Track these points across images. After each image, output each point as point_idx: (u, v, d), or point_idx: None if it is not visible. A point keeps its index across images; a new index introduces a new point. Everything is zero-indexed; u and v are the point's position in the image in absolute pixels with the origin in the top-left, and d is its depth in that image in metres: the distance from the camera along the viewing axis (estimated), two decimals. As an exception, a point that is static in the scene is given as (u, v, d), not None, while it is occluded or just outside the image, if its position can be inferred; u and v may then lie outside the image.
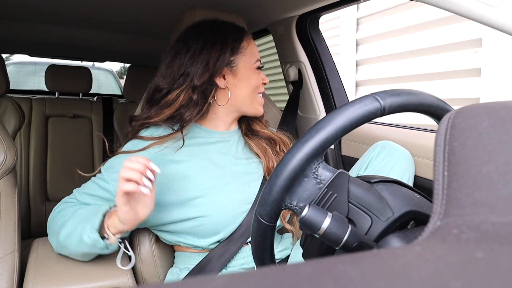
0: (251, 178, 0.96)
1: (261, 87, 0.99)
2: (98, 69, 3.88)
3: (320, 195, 0.50)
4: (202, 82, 0.89)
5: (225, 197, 0.90)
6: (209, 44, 0.91)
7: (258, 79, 0.97)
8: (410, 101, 0.50)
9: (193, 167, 0.91)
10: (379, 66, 2.94)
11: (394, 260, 0.19)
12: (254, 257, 0.57)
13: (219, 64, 0.91)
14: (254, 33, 1.61)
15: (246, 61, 0.94)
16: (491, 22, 0.58)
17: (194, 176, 0.90)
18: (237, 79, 0.94)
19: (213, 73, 0.91)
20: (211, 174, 0.91)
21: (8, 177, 0.95)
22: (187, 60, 0.91)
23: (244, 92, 0.95)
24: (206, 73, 0.90)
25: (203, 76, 0.89)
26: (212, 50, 0.91)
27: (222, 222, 0.89)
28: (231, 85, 0.94)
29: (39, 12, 1.41)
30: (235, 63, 0.93)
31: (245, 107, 0.97)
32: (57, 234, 0.85)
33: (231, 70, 0.93)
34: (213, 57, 0.90)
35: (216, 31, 0.94)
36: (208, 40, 0.92)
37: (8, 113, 1.94)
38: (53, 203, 2.07)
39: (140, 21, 1.49)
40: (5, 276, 0.86)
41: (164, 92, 0.92)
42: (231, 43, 0.92)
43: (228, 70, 0.93)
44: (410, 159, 0.98)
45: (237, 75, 0.94)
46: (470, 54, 2.21)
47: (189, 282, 0.18)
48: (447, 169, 0.26)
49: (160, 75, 0.94)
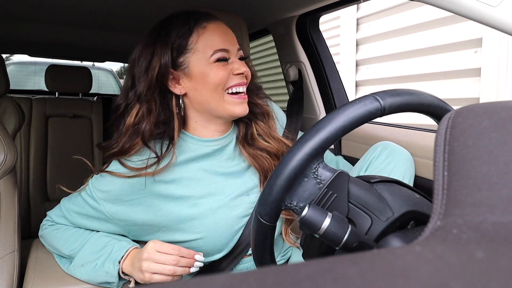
0: (249, 186, 0.87)
1: (231, 78, 0.80)
2: (98, 69, 3.88)
3: (320, 195, 0.50)
4: (144, 89, 0.78)
5: (223, 216, 0.82)
6: (149, 47, 0.79)
7: (218, 73, 0.78)
8: (410, 101, 0.50)
9: (186, 186, 0.82)
10: (379, 66, 2.94)
11: (394, 260, 0.19)
12: (254, 257, 0.57)
13: (162, 68, 0.77)
14: (254, 33, 1.61)
15: (199, 58, 0.78)
16: (491, 22, 0.58)
17: (187, 196, 0.81)
18: (193, 81, 0.79)
19: (159, 80, 0.78)
20: (206, 191, 0.83)
21: (8, 177, 0.95)
22: (131, 69, 0.82)
23: (205, 94, 0.79)
24: (146, 80, 0.78)
25: (143, 83, 0.78)
26: (150, 53, 0.78)
27: (222, 240, 0.83)
28: (190, 89, 0.80)
29: (39, 12, 1.41)
30: (185, 64, 0.79)
31: (214, 111, 0.81)
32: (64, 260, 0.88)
33: (184, 72, 0.79)
34: (153, 60, 0.78)
35: (159, 29, 0.80)
36: (149, 42, 0.80)
37: (8, 113, 1.94)
38: (53, 203, 2.07)
39: (140, 21, 1.49)
40: (5, 276, 0.86)
41: (120, 111, 0.82)
42: (174, 41, 0.78)
43: (180, 73, 0.79)
44: (411, 160, 0.97)
45: (192, 77, 0.79)
46: (470, 54, 2.21)
47: (189, 282, 0.18)
48: (447, 169, 0.26)
49: (120, 93, 0.86)
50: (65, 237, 0.86)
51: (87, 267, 0.81)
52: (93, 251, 0.81)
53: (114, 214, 0.81)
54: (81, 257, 0.82)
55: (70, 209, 0.87)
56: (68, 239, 0.86)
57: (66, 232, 0.87)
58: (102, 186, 0.81)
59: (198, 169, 0.84)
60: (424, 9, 2.42)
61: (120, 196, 0.80)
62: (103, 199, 0.81)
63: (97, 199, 0.81)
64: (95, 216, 0.83)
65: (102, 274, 0.79)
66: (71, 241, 0.85)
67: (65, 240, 0.86)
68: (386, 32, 2.81)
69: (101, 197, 0.81)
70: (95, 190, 0.82)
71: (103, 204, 0.81)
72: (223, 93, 0.80)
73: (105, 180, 0.81)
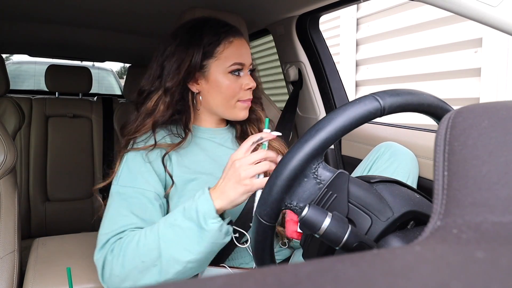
0: None
1: (242, 93, 0.91)
2: (98, 69, 3.88)
3: (320, 195, 0.50)
4: (174, 85, 0.87)
5: None
6: (183, 47, 0.88)
7: (231, 86, 0.89)
8: (410, 101, 0.50)
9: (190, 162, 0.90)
10: (379, 66, 2.94)
11: (394, 260, 0.19)
12: (254, 257, 0.57)
13: (191, 68, 0.88)
14: (254, 33, 1.61)
15: (219, 65, 0.89)
16: (491, 22, 0.58)
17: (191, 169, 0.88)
18: (209, 84, 0.90)
19: (185, 77, 0.88)
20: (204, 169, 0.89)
21: (8, 177, 0.95)
22: (162, 61, 0.90)
23: (216, 98, 0.91)
24: (177, 76, 0.87)
25: (174, 79, 0.87)
26: (184, 53, 0.88)
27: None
28: (204, 90, 0.91)
29: (39, 12, 1.41)
30: (207, 67, 0.89)
31: (220, 112, 0.94)
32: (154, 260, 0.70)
33: (204, 75, 0.90)
34: (186, 60, 0.87)
35: (193, 32, 0.90)
36: (183, 42, 0.89)
37: (8, 113, 1.94)
38: (53, 203, 2.09)
39: (140, 21, 1.49)
40: (5, 276, 0.86)
41: (144, 95, 0.91)
42: (205, 46, 0.88)
43: (201, 75, 0.90)
44: (414, 160, 0.97)
45: (209, 81, 0.90)
46: (470, 54, 2.21)
47: (189, 282, 0.18)
48: (447, 169, 0.26)
49: (144, 77, 0.94)
50: (135, 245, 0.72)
51: (178, 233, 0.70)
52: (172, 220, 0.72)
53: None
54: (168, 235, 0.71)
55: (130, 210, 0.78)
56: (139, 241, 0.72)
57: (132, 241, 0.73)
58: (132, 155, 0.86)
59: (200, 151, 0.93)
60: (424, 9, 2.42)
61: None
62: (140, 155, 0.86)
63: (138, 157, 0.85)
64: (145, 170, 0.83)
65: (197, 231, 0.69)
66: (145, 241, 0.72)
67: (137, 245, 0.72)
68: (386, 32, 2.81)
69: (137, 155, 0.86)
70: (131, 156, 0.86)
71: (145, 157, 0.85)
72: (233, 102, 0.92)
73: (131, 153, 0.87)
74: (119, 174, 0.85)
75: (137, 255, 0.70)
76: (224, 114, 0.94)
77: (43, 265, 0.91)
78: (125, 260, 0.71)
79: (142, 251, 0.70)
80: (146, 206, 0.80)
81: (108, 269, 0.73)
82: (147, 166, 0.84)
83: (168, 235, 0.70)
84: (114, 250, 0.73)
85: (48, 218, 1.96)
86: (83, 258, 1.09)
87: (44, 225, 1.95)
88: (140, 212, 0.79)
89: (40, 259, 0.91)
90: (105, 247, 0.75)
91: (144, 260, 0.70)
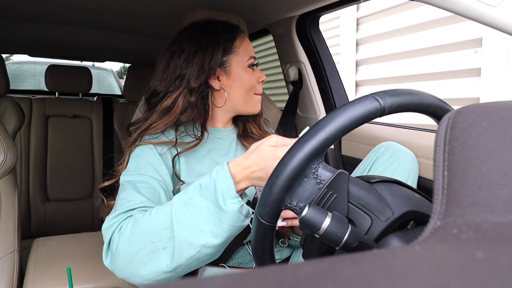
0: None
1: (257, 86, 0.97)
2: (98, 69, 3.88)
3: (320, 195, 0.50)
4: (199, 84, 0.89)
5: None
6: (203, 46, 0.91)
7: (252, 78, 0.95)
8: (410, 101, 0.50)
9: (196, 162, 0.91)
10: (379, 66, 2.94)
11: (394, 260, 0.19)
12: (254, 257, 0.57)
13: (213, 65, 0.90)
14: (254, 33, 1.61)
15: (239, 60, 0.93)
16: (491, 22, 0.58)
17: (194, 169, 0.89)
18: (230, 79, 0.93)
19: (208, 75, 0.91)
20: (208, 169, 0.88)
21: (8, 177, 0.95)
22: (182, 62, 0.90)
23: (238, 92, 0.94)
24: (202, 75, 0.89)
25: (199, 78, 0.89)
26: (205, 51, 0.90)
27: None
28: (226, 86, 0.94)
29: (39, 12, 1.41)
30: (228, 63, 0.93)
31: (240, 106, 0.96)
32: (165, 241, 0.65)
33: (225, 70, 0.93)
34: (207, 58, 0.90)
35: (208, 32, 0.93)
36: (201, 41, 0.92)
37: (8, 113, 1.94)
38: (53, 203, 2.09)
39: (140, 21, 1.49)
40: (5, 276, 0.86)
41: (161, 96, 0.91)
42: (223, 43, 0.92)
43: (222, 71, 0.93)
44: (414, 160, 0.98)
45: (231, 76, 0.93)
46: (470, 54, 2.21)
47: (189, 282, 0.18)
48: (447, 169, 0.26)
49: (156, 78, 0.93)
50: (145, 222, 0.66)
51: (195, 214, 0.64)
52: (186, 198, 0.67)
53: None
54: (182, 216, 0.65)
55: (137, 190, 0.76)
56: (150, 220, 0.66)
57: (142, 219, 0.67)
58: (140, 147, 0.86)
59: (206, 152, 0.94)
60: (424, 9, 2.42)
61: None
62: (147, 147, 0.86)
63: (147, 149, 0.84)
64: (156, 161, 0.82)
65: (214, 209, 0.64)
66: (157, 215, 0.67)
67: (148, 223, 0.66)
68: (386, 32, 2.81)
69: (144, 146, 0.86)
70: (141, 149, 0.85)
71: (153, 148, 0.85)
72: (251, 94, 0.96)
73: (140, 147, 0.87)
74: (128, 166, 0.83)
75: (147, 234, 0.64)
76: (243, 108, 0.96)
77: (43, 265, 0.91)
78: (133, 239, 0.65)
79: (152, 230, 0.64)
80: (155, 190, 0.77)
81: (114, 247, 0.67)
82: (158, 158, 0.84)
83: (182, 215, 0.64)
84: (122, 228, 0.67)
85: (48, 218, 1.96)
86: (83, 258, 1.09)
87: (44, 225, 1.95)
88: (149, 194, 0.75)
89: (40, 259, 0.91)
90: (113, 225, 0.69)
91: (154, 241, 0.64)
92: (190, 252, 0.64)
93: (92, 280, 0.99)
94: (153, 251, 0.64)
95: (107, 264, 0.69)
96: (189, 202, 0.65)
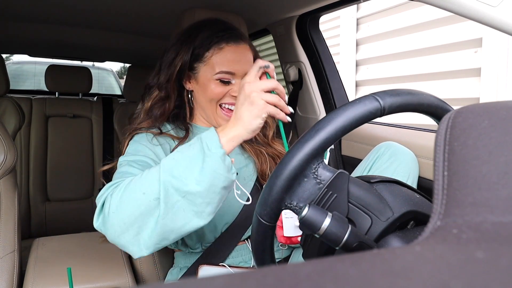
0: (247, 173, 0.97)
1: (225, 97, 0.90)
2: (98, 69, 3.88)
3: (320, 195, 0.50)
4: (164, 80, 0.92)
5: None
6: (178, 45, 0.92)
7: (215, 90, 0.89)
8: (410, 101, 0.50)
9: None
10: (379, 66, 2.94)
11: (394, 260, 0.19)
12: (254, 257, 0.57)
13: (181, 68, 0.91)
14: (254, 33, 1.61)
15: (207, 71, 0.89)
16: (491, 22, 0.58)
17: None
18: (198, 85, 0.93)
19: (178, 75, 0.92)
20: None
21: (8, 177, 0.95)
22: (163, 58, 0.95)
23: (202, 100, 0.93)
24: (168, 72, 0.92)
25: (166, 75, 0.92)
26: (177, 51, 0.92)
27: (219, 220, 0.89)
28: (195, 90, 0.95)
29: (39, 12, 1.41)
30: (197, 70, 0.91)
31: (205, 115, 0.96)
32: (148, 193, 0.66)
33: (194, 76, 0.93)
34: (177, 59, 0.91)
35: (190, 33, 0.93)
36: (179, 40, 0.93)
37: (8, 113, 1.94)
38: (53, 203, 2.09)
39: (140, 21, 1.49)
40: (5, 276, 0.86)
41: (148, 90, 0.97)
42: (195, 48, 0.90)
43: (192, 75, 0.93)
44: (415, 160, 0.98)
45: (198, 82, 0.92)
46: (470, 54, 2.21)
47: (189, 282, 0.18)
48: (447, 169, 0.26)
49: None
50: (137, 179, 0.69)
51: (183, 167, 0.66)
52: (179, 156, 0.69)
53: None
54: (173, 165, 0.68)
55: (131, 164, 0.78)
56: (141, 177, 0.69)
57: (134, 179, 0.70)
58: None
59: None
60: (424, 9, 2.42)
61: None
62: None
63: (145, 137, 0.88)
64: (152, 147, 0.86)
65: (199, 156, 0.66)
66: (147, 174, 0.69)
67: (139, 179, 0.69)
68: (386, 32, 2.81)
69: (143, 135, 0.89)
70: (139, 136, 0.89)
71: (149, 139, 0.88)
72: (216, 106, 0.91)
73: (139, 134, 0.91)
74: (127, 150, 0.87)
75: (139, 187, 0.66)
76: (209, 117, 0.95)
77: (43, 265, 0.91)
78: (125, 195, 0.66)
79: (144, 183, 0.66)
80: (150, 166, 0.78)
81: (106, 207, 0.67)
82: (156, 144, 0.87)
83: (170, 165, 0.67)
84: (115, 191, 0.68)
85: (48, 218, 1.96)
86: (83, 258, 1.09)
87: (44, 225, 1.95)
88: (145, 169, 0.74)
89: (40, 259, 0.91)
90: (106, 192, 0.70)
91: (145, 192, 0.65)
92: (176, 197, 0.65)
93: (92, 280, 0.99)
94: (145, 203, 0.65)
95: (97, 225, 0.69)
96: (177, 155, 0.68)
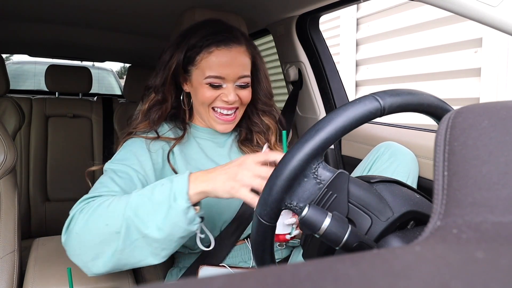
0: None
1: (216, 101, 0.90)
2: (98, 69, 3.88)
3: (320, 195, 0.50)
4: (160, 82, 0.92)
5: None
6: (173, 48, 0.92)
7: (205, 94, 0.89)
8: (410, 101, 0.50)
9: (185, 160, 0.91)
10: (379, 66, 2.94)
11: (394, 260, 0.19)
12: (254, 257, 0.57)
13: (175, 70, 0.91)
14: (254, 33, 1.61)
15: (198, 75, 0.89)
16: (491, 22, 0.58)
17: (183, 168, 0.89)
18: (192, 88, 0.93)
19: (172, 76, 0.92)
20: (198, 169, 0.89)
21: (8, 177, 0.95)
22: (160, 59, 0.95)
23: (196, 102, 0.94)
24: (163, 74, 0.92)
25: (161, 77, 0.92)
26: (171, 53, 0.91)
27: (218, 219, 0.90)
28: (191, 92, 0.95)
29: (39, 12, 1.41)
30: (190, 73, 0.91)
31: (200, 117, 0.96)
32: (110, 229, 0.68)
33: (189, 78, 0.92)
34: (171, 60, 0.91)
35: (186, 34, 0.92)
36: (175, 42, 0.93)
37: (8, 113, 1.94)
38: (53, 203, 2.09)
39: (140, 21, 1.49)
40: (5, 276, 0.86)
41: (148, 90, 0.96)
42: (188, 51, 0.89)
43: (187, 78, 0.93)
44: (414, 160, 0.98)
45: (193, 85, 0.92)
46: (470, 54, 2.21)
47: (189, 282, 0.18)
48: (447, 169, 0.26)
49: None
50: (105, 207, 0.70)
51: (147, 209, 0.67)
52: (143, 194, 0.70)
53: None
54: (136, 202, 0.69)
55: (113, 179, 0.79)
56: (110, 204, 0.70)
57: (103, 203, 0.71)
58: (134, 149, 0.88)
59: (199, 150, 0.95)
60: (424, 9, 2.42)
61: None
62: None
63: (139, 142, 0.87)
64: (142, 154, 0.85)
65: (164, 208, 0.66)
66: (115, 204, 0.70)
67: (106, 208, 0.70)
68: (386, 32, 2.81)
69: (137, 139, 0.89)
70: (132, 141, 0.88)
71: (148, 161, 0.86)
72: (208, 109, 0.92)
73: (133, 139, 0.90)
74: (115, 155, 0.87)
75: (104, 217, 0.68)
76: (203, 119, 0.96)
77: (43, 265, 0.91)
78: (91, 219, 0.69)
79: (110, 214, 0.68)
80: (132, 183, 0.79)
81: (72, 225, 0.71)
82: (146, 153, 0.85)
83: (137, 203, 0.68)
84: (85, 209, 0.71)
85: (48, 218, 1.96)
86: (83, 258, 1.08)
87: (44, 225, 1.95)
88: (125, 185, 0.77)
89: (40, 259, 0.91)
90: (77, 206, 0.73)
91: (108, 223, 0.67)
92: (136, 235, 0.67)
93: (92, 280, 0.99)
94: (106, 234, 0.68)
95: (63, 241, 0.73)
96: (145, 194, 0.69)
